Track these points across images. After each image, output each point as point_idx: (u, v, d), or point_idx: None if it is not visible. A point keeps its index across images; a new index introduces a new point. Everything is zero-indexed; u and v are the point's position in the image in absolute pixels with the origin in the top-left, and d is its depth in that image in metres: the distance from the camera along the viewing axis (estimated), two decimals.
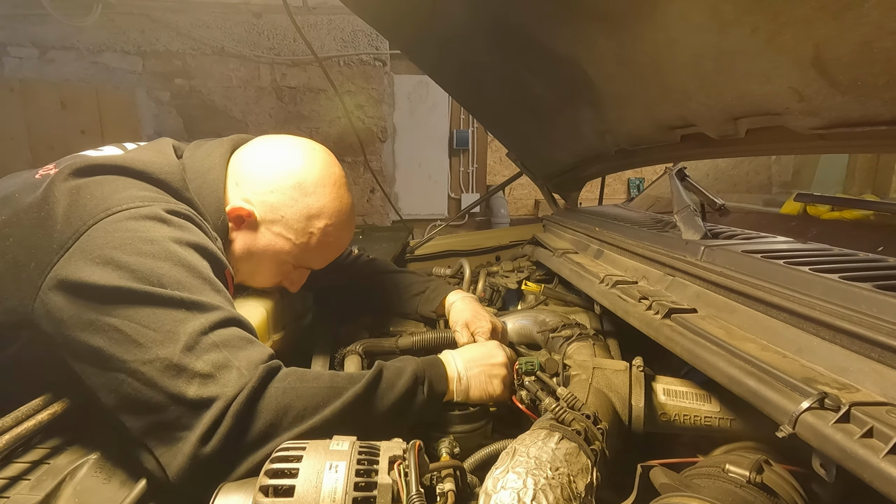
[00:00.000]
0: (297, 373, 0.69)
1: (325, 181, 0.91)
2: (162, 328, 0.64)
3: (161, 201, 0.76)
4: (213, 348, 0.65)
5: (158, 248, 0.69)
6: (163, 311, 0.65)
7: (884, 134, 0.70)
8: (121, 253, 0.67)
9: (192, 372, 0.62)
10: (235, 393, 0.62)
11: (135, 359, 0.62)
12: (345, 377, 0.72)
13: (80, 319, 0.65)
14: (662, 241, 1.06)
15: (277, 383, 0.66)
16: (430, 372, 0.78)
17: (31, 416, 0.68)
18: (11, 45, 4.80)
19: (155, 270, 0.67)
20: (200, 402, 0.62)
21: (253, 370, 0.65)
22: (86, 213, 0.70)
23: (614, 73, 1.06)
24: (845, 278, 0.66)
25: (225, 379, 0.63)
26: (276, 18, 5.06)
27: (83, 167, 0.75)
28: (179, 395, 0.61)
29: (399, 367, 0.76)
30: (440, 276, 1.65)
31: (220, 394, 0.62)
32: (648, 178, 5.85)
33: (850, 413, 0.47)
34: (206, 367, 0.63)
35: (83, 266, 0.66)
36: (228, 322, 0.69)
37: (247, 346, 0.68)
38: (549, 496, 0.51)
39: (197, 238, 0.76)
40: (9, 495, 0.62)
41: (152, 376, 0.62)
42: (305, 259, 0.95)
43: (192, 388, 0.62)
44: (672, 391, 0.77)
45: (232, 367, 0.64)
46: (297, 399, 0.66)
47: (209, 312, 0.67)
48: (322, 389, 0.68)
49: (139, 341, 0.63)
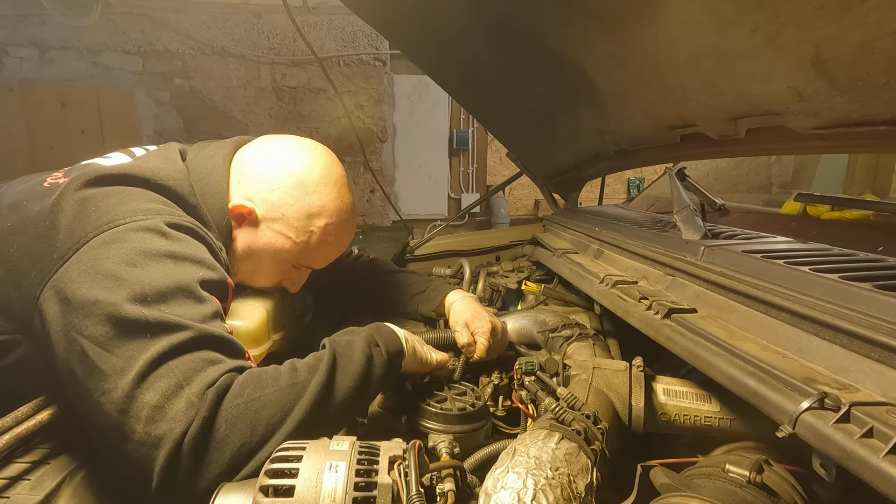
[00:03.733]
0: (254, 380, 0.66)
1: (326, 180, 0.91)
2: (124, 354, 0.62)
3: (164, 213, 0.76)
4: (168, 374, 0.61)
5: (149, 259, 0.69)
6: (127, 335, 0.63)
7: (884, 134, 0.70)
8: (111, 263, 0.66)
9: (140, 405, 0.60)
10: (185, 428, 0.59)
11: (97, 388, 0.61)
12: (303, 368, 0.70)
13: (65, 336, 0.64)
14: (662, 241, 1.06)
15: (234, 401, 0.63)
16: (377, 333, 0.80)
17: (31, 416, 0.68)
18: (11, 45, 4.80)
19: (140, 280, 0.66)
20: (149, 442, 0.59)
21: (201, 397, 0.61)
22: (88, 225, 0.70)
23: (614, 73, 1.06)
24: (845, 278, 0.65)
25: (174, 411, 0.60)
26: (276, 18, 5.06)
27: (93, 178, 0.75)
28: (129, 433, 0.59)
29: (349, 340, 0.76)
30: (440, 276, 1.65)
31: (167, 431, 0.59)
32: (648, 178, 5.85)
33: (850, 413, 0.47)
34: (154, 398, 0.60)
35: (74, 276, 0.66)
36: (194, 343, 0.65)
37: (206, 368, 0.64)
38: (549, 496, 0.51)
39: (193, 251, 0.75)
40: (9, 495, 0.62)
41: (108, 410, 0.60)
42: (305, 258, 0.95)
43: (139, 427, 0.59)
44: (672, 391, 0.77)
45: (181, 396, 0.61)
46: (261, 409, 0.63)
47: (175, 334, 0.64)
48: (284, 390, 0.66)
49: (102, 368, 0.61)
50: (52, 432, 0.72)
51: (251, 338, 0.89)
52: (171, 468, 0.58)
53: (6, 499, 0.62)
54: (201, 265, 0.74)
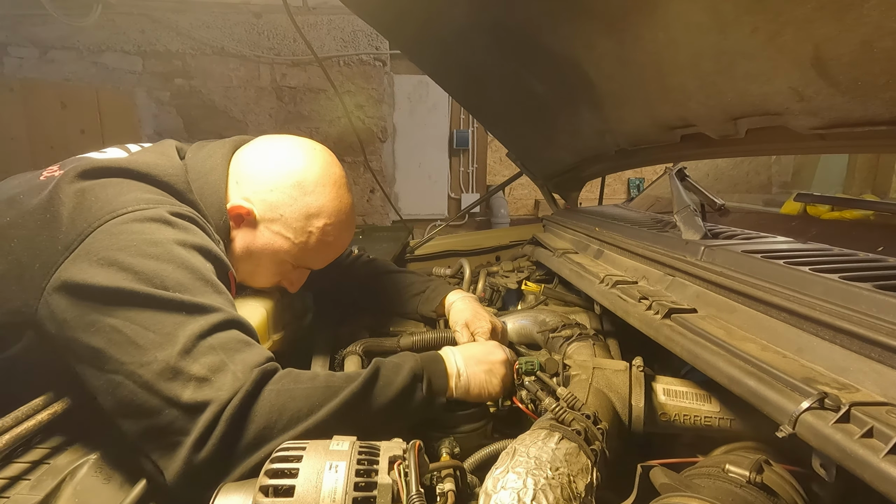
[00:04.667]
0: (292, 374, 0.69)
1: (325, 180, 0.91)
2: (161, 330, 0.64)
3: (165, 203, 0.77)
4: (210, 351, 0.65)
5: (162, 249, 0.69)
6: (163, 313, 0.65)
7: (884, 134, 0.70)
8: (124, 255, 0.67)
9: (188, 375, 0.62)
10: (230, 396, 0.62)
11: (133, 360, 0.62)
12: (342, 377, 0.71)
13: (83, 321, 0.65)
14: (662, 241, 1.06)
15: (273, 385, 0.66)
16: (430, 368, 0.78)
17: (31, 416, 0.68)
18: (11, 45, 4.80)
19: (158, 272, 0.67)
20: (195, 406, 0.61)
21: (248, 373, 0.64)
22: (91, 215, 0.70)
23: (614, 73, 1.06)
24: (845, 278, 0.65)
25: (220, 382, 0.63)
26: (276, 18, 5.06)
27: (88, 169, 0.76)
28: (175, 398, 0.61)
29: (397, 364, 0.75)
30: (440, 276, 1.65)
31: (214, 397, 0.62)
32: (648, 178, 5.84)
33: (850, 413, 0.47)
34: (201, 370, 0.63)
35: (87, 268, 0.66)
36: (228, 324, 0.69)
37: (244, 349, 0.68)
38: (549, 496, 0.51)
39: (200, 240, 0.76)
40: (9, 495, 0.62)
41: (148, 379, 0.62)
42: (304, 258, 0.94)
43: (187, 392, 0.62)
44: (672, 391, 0.77)
45: (227, 370, 0.64)
46: (291, 400, 0.65)
47: (209, 315, 0.67)
48: (318, 390, 0.67)
49: (138, 343, 0.63)
50: (52, 432, 0.72)
51: None
52: (206, 436, 0.60)
53: (6, 499, 0.62)
54: (209, 255, 0.76)
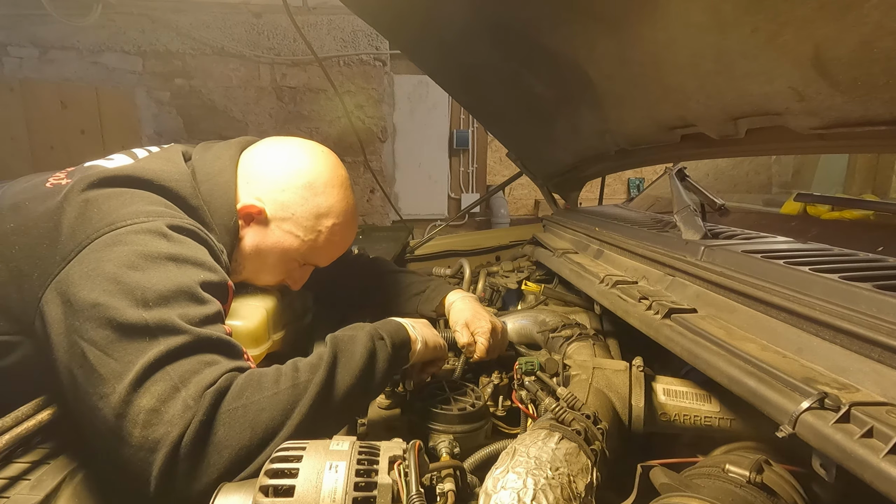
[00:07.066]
0: (253, 382, 0.65)
1: (333, 182, 0.94)
2: (122, 358, 0.62)
3: (166, 216, 0.76)
4: (164, 378, 0.61)
5: (150, 262, 0.69)
6: (126, 340, 0.63)
7: (884, 134, 0.70)
8: (111, 266, 0.67)
9: (137, 409, 0.59)
10: (182, 431, 0.59)
11: (95, 391, 0.61)
12: (305, 368, 0.70)
13: (65, 339, 0.64)
14: (662, 241, 1.06)
15: (232, 404, 0.62)
16: (383, 327, 0.81)
17: (31, 416, 0.68)
18: (11, 45, 4.80)
19: (141, 284, 0.66)
20: (146, 446, 0.59)
21: (198, 399, 0.61)
22: (90, 227, 0.71)
23: (614, 73, 1.06)
24: (845, 278, 0.65)
25: (170, 414, 0.59)
26: (276, 18, 5.06)
27: (96, 180, 0.76)
28: (126, 436, 0.59)
29: (351, 335, 0.77)
30: (440, 276, 1.65)
31: (164, 435, 0.59)
32: (648, 178, 5.84)
33: (850, 413, 0.47)
34: (150, 401, 0.60)
35: (76, 279, 0.66)
36: (194, 346, 0.65)
37: (202, 370, 0.64)
38: (549, 496, 0.51)
39: (194, 253, 0.75)
40: (9, 495, 0.62)
41: (106, 414, 0.60)
42: (312, 256, 0.97)
43: (136, 431, 0.59)
44: (672, 391, 0.77)
45: (178, 398, 0.60)
46: (260, 413, 0.63)
47: (176, 336, 0.64)
48: (284, 392, 0.66)
49: (100, 372, 0.61)
50: (52, 432, 0.72)
51: (251, 338, 0.89)
52: (169, 472, 0.58)
53: (6, 499, 0.62)
54: (202, 267, 0.74)
